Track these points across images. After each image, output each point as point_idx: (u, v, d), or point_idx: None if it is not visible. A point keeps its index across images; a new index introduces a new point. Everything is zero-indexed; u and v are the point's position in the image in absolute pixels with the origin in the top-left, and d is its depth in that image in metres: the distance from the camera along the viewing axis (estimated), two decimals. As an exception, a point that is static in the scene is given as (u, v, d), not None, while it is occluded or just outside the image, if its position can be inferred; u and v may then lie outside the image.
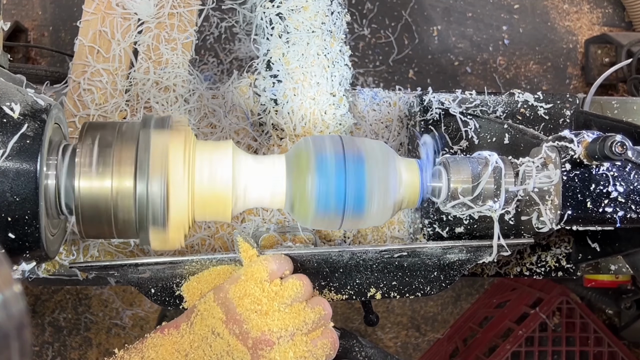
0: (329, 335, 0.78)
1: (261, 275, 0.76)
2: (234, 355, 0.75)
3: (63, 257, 1.02)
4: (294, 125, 1.04)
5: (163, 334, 0.77)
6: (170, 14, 1.14)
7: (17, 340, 0.51)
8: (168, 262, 0.83)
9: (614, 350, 1.78)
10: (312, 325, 0.77)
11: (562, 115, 1.06)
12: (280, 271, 0.78)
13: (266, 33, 1.06)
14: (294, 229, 1.01)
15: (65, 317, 2.02)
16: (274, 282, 0.77)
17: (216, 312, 0.76)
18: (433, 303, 2.13)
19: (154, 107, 1.09)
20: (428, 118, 1.04)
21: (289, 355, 0.75)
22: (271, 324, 0.74)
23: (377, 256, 0.86)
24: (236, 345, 0.75)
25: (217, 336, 0.75)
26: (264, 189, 0.78)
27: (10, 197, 0.69)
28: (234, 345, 0.75)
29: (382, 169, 0.77)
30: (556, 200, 0.83)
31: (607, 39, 1.98)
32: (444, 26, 2.06)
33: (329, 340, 0.78)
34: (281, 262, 0.79)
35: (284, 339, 0.75)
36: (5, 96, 0.71)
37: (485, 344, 1.80)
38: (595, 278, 1.81)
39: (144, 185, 0.71)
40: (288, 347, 0.75)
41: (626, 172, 0.83)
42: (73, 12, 1.93)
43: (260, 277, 0.76)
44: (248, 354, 0.75)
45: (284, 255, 0.81)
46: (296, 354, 0.75)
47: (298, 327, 0.75)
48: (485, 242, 0.87)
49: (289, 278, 0.78)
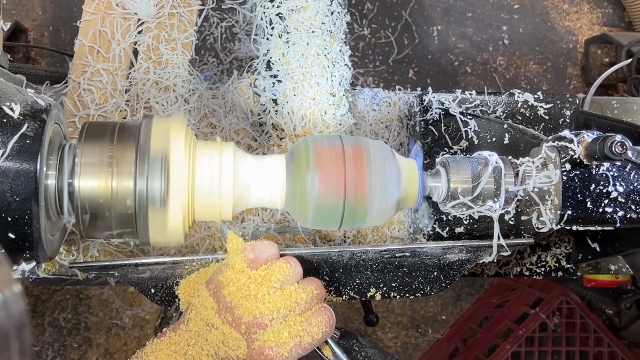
0: (323, 313, 0.78)
1: (241, 266, 0.76)
2: (230, 344, 0.75)
3: (63, 257, 1.02)
4: (294, 125, 1.04)
5: (161, 339, 0.77)
6: (170, 14, 1.14)
7: (17, 340, 0.51)
8: (168, 262, 0.83)
9: (614, 350, 1.78)
10: (305, 305, 0.77)
11: (562, 115, 1.06)
12: (262, 258, 0.77)
13: (266, 33, 1.06)
14: (294, 229, 1.01)
15: (65, 317, 2.02)
16: (261, 268, 0.76)
17: (209, 303, 0.76)
18: (433, 303, 2.13)
19: (154, 107, 1.09)
20: (428, 118, 1.04)
21: (283, 335, 0.75)
22: (262, 307, 0.74)
23: (377, 256, 0.86)
24: (230, 333, 0.75)
25: (211, 327, 0.76)
26: (264, 189, 0.78)
27: (10, 197, 0.69)
28: (229, 333, 0.75)
29: (382, 169, 0.77)
30: (556, 200, 0.83)
31: (607, 39, 1.98)
32: (444, 26, 2.06)
33: (323, 318, 0.78)
34: (262, 249, 0.77)
35: (276, 320, 0.75)
36: (5, 96, 0.71)
37: (485, 344, 1.80)
38: (595, 278, 1.81)
39: (143, 182, 0.71)
40: (282, 327, 0.75)
41: (626, 172, 0.83)
42: (73, 12, 1.94)
43: (240, 268, 0.76)
44: (243, 340, 0.75)
45: (268, 241, 0.80)
46: (291, 333, 0.75)
47: (290, 308, 0.76)
48: (485, 242, 0.87)
49: (276, 262, 0.77)
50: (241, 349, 0.75)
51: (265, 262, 0.77)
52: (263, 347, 0.75)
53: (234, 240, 0.79)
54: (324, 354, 0.82)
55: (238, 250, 0.78)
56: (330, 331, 0.79)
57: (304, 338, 0.76)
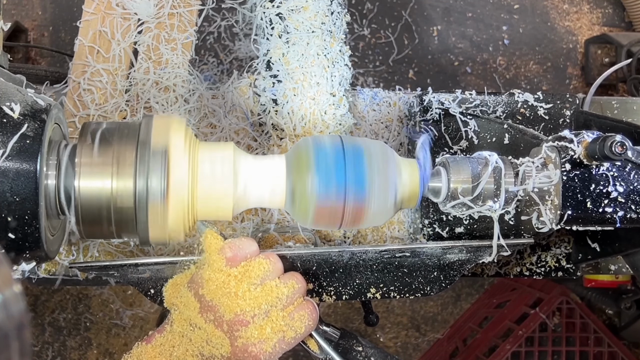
0: (305, 307, 0.78)
1: (219, 265, 0.76)
2: (213, 343, 0.75)
3: (63, 257, 1.02)
4: (294, 125, 1.04)
5: (146, 343, 0.77)
6: (170, 14, 1.14)
7: (17, 340, 0.51)
8: (168, 262, 0.83)
9: (614, 350, 1.78)
10: (287, 300, 0.77)
11: (562, 115, 1.06)
12: (240, 255, 0.77)
13: (266, 33, 1.06)
14: (294, 229, 1.01)
15: (65, 317, 2.02)
16: (240, 265, 0.76)
17: (191, 303, 0.76)
18: (433, 303, 2.13)
19: (154, 107, 1.09)
20: (428, 118, 1.04)
21: (266, 330, 0.75)
22: (242, 304, 0.74)
23: (377, 256, 0.86)
24: (213, 332, 0.75)
25: (195, 327, 0.76)
26: (265, 189, 0.78)
27: (10, 197, 0.69)
28: (212, 332, 0.75)
29: (382, 169, 0.77)
30: (556, 200, 0.83)
31: (607, 39, 1.98)
32: (444, 26, 2.06)
33: (306, 312, 0.78)
34: (240, 247, 0.77)
35: (258, 316, 0.75)
36: (5, 96, 0.71)
37: (485, 344, 1.80)
38: (595, 278, 1.81)
39: (144, 175, 0.71)
40: (264, 323, 0.75)
41: (626, 172, 0.83)
42: (73, 12, 1.94)
43: (218, 266, 0.76)
44: (226, 338, 0.75)
45: (247, 238, 0.80)
46: (273, 329, 0.75)
47: (272, 303, 0.76)
48: (485, 242, 0.87)
49: (255, 258, 0.77)
50: (225, 347, 0.75)
51: (244, 259, 0.77)
52: (246, 344, 0.75)
53: (210, 238, 0.79)
54: (309, 347, 0.83)
55: (216, 249, 0.77)
56: (313, 325, 0.79)
57: (287, 333, 0.76)
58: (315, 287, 0.86)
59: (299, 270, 0.84)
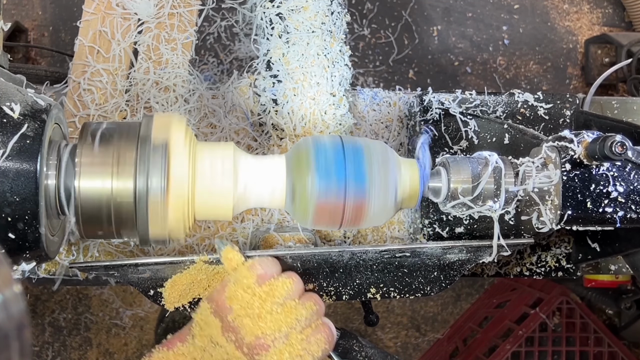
0: (322, 330, 0.78)
1: (248, 282, 0.76)
2: None
3: (63, 257, 1.02)
4: (294, 125, 1.04)
5: (168, 348, 0.77)
6: (170, 14, 1.14)
7: (17, 340, 0.51)
8: (168, 262, 0.83)
9: (614, 350, 1.78)
10: (305, 322, 0.77)
11: (562, 115, 1.06)
12: (269, 274, 0.77)
13: (266, 33, 1.06)
14: (294, 229, 1.01)
15: (65, 317, 2.02)
16: (265, 284, 0.76)
17: (212, 321, 0.76)
18: (433, 303, 2.13)
19: (154, 107, 1.09)
20: (428, 118, 1.04)
21: (284, 356, 0.74)
22: (264, 327, 0.74)
23: (377, 256, 0.86)
24: (234, 353, 0.75)
25: (216, 345, 0.76)
26: (265, 189, 0.78)
27: (10, 197, 0.69)
28: (232, 353, 0.75)
29: (382, 168, 0.77)
30: (556, 200, 0.83)
31: (607, 39, 1.98)
32: (444, 26, 2.06)
33: (322, 335, 0.78)
34: (268, 265, 0.78)
35: (278, 340, 0.74)
36: (5, 96, 0.71)
37: (485, 344, 1.80)
38: (595, 278, 1.81)
39: (144, 172, 0.71)
40: (283, 347, 0.75)
41: (626, 172, 0.83)
42: (73, 12, 1.93)
43: (247, 283, 0.75)
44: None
45: (271, 257, 0.80)
46: (291, 353, 0.75)
47: (291, 325, 0.75)
48: (485, 242, 0.87)
49: (279, 277, 0.77)
50: None
51: (271, 278, 0.77)
52: None
53: (231, 255, 0.79)
54: None
55: (244, 266, 0.77)
56: (330, 348, 0.79)
57: (304, 357, 0.76)
58: (315, 287, 0.86)
59: (299, 270, 0.84)
